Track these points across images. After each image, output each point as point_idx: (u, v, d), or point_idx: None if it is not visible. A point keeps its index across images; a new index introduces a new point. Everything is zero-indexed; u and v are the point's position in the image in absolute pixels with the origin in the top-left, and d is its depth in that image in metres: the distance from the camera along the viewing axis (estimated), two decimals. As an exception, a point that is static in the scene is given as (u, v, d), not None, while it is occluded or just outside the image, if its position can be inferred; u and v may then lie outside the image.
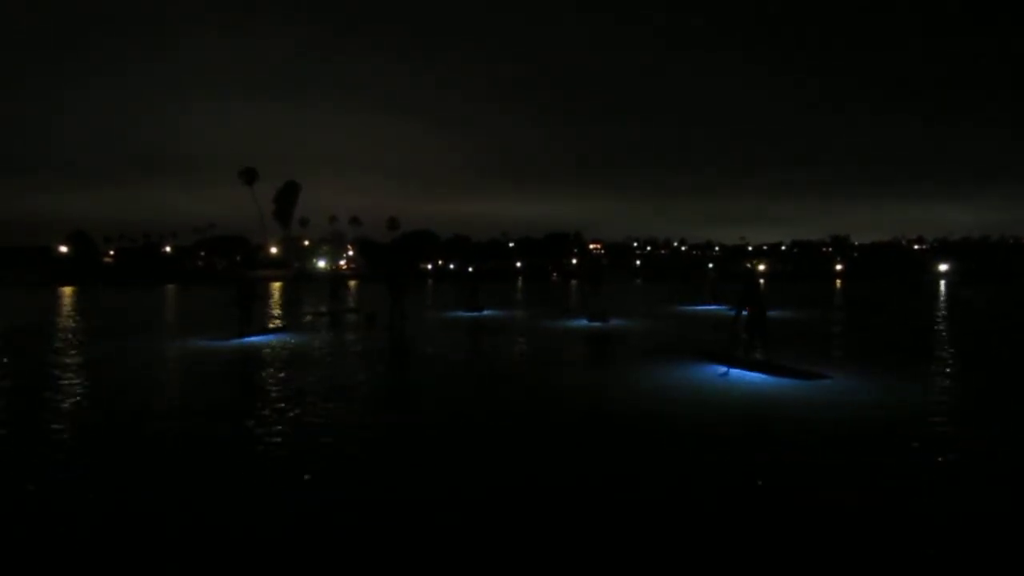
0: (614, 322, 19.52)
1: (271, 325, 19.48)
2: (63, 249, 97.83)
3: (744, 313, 10.98)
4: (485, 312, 24.17)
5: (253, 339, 16.09)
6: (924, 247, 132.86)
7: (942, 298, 34.26)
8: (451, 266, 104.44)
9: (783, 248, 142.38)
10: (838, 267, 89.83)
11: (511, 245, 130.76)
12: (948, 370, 11.23)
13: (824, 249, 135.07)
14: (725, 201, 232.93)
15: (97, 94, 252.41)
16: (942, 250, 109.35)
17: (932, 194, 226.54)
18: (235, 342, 15.61)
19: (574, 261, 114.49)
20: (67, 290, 49.74)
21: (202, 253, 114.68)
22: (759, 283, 11.50)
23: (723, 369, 10.55)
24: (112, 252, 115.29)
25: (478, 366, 12.82)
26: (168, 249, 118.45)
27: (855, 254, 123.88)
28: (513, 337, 16.99)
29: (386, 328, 18.50)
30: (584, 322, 19.67)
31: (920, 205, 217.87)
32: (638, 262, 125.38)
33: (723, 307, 23.52)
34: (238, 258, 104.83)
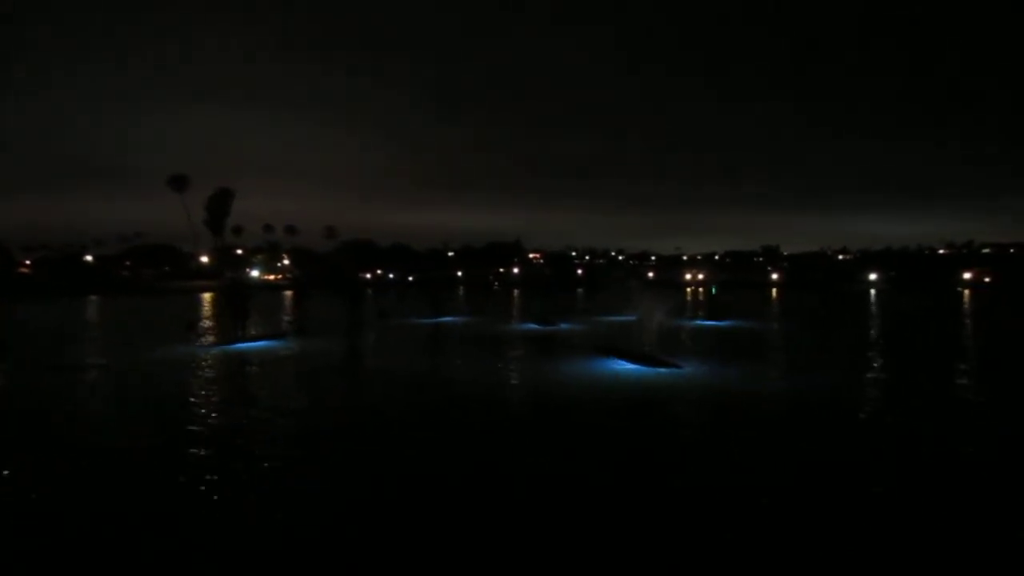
0: (563, 326, 20.50)
1: (258, 332, 18.99)
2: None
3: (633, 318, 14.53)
4: (446, 318, 24.75)
5: (245, 345, 16.43)
6: (848, 257, 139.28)
7: (872, 306, 35.70)
8: (391, 275, 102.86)
9: (716, 258, 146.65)
10: (774, 276, 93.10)
11: (451, 254, 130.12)
12: (791, 362, 15.31)
13: (756, 259, 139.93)
14: (661, 212, 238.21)
15: (15, 99, 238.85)
16: (866, 260, 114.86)
17: (853, 206, 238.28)
18: (231, 347, 15.92)
19: (515, 271, 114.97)
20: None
21: (128, 263, 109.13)
22: (644, 294, 15.23)
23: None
24: (29, 262, 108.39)
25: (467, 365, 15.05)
26: (90, 258, 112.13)
27: (785, 264, 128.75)
28: (484, 339, 18.91)
29: (344, 333, 20.22)
30: (534, 326, 20.72)
31: (841, 217, 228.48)
32: (579, 271, 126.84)
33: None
34: (167, 268, 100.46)
